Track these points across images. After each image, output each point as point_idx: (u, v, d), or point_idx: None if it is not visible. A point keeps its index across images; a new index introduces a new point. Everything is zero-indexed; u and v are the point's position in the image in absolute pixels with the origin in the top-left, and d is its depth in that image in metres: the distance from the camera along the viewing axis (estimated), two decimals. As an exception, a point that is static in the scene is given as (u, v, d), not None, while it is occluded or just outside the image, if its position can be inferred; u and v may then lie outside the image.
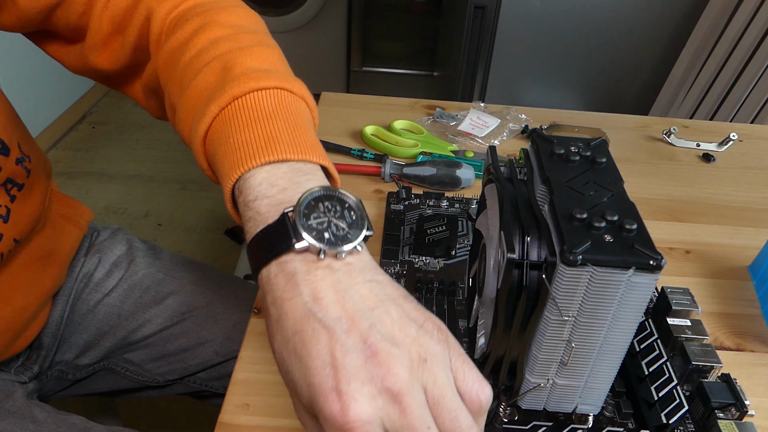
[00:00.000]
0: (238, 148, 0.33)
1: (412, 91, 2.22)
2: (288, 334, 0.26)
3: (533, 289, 0.31)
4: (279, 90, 0.36)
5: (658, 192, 0.66)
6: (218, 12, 0.42)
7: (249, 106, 0.35)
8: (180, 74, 0.39)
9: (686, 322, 0.40)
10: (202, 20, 0.41)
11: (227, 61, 0.37)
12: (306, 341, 0.26)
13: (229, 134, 0.34)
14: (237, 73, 0.36)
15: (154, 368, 0.63)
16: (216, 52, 0.38)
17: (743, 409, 0.36)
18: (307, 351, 0.25)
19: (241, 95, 0.35)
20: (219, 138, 0.34)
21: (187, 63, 0.39)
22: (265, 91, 0.35)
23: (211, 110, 0.35)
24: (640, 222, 0.31)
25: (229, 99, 0.35)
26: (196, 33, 0.40)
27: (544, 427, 0.37)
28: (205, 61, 0.38)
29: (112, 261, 0.64)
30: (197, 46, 0.40)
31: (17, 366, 0.58)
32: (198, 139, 0.35)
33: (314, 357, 0.25)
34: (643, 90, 1.64)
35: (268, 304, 0.28)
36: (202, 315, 0.62)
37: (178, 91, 0.39)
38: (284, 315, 0.27)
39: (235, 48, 0.39)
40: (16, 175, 0.50)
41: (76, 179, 1.83)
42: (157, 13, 0.43)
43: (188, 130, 0.37)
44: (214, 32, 0.40)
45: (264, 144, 0.32)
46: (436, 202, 0.58)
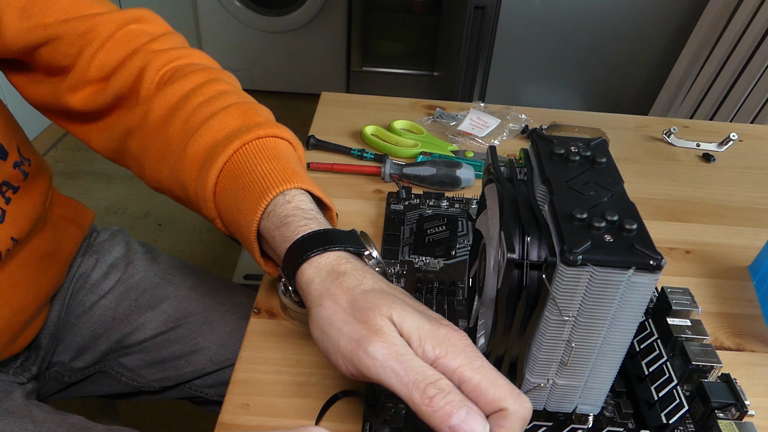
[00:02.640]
0: (272, 173, 0.39)
1: (412, 91, 2.22)
2: (380, 287, 0.33)
3: (533, 289, 0.31)
4: (287, 142, 0.44)
5: (658, 192, 0.66)
6: (219, 72, 0.49)
7: (270, 146, 0.42)
8: (185, 116, 0.44)
9: (686, 322, 0.40)
10: (207, 75, 0.47)
11: (246, 110, 0.44)
12: (402, 295, 0.33)
13: (256, 164, 0.40)
14: (258, 121, 0.43)
15: (149, 374, 0.63)
16: (229, 101, 0.45)
17: (743, 409, 0.36)
18: (406, 298, 0.33)
19: (264, 137, 0.42)
20: (242, 168, 0.40)
21: (196, 107, 0.44)
22: (279, 139, 0.43)
23: (234, 144, 0.41)
24: (640, 222, 0.31)
25: (253, 138, 0.41)
26: (204, 84, 0.46)
27: (544, 427, 0.37)
28: (218, 107, 0.44)
29: (110, 263, 0.63)
30: (206, 94, 0.45)
31: (16, 366, 0.58)
32: (215, 170, 0.41)
33: (414, 304, 0.33)
34: (643, 90, 1.64)
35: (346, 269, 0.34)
36: (197, 322, 0.62)
37: (181, 132, 0.44)
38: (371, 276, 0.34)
39: (247, 101, 0.46)
40: (12, 178, 0.50)
41: (76, 179, 1.83)
42: (154, 64, 0.47)
43: (197, 167, 0.42)
44: (221, 86, 0.46)
45: (293, 174, 0.40)
46: (436, 202, 0.58)
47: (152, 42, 0.48)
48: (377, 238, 0.54)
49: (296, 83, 2.32)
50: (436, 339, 0.30)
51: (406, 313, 0.31)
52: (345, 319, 0.31)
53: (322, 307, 0.32)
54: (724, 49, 1.43)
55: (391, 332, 0.30)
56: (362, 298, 0.32)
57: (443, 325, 0.31)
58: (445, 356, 0.29)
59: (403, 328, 0.30)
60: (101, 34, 0.46)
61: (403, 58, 2.22)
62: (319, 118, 0.75)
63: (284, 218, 0.37)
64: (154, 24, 0.50)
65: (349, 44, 2.19)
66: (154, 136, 0.45)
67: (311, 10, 2.10)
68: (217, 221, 0.43)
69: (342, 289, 0.32)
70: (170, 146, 0.44)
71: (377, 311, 0.31)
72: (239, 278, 1.36)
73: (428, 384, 0.27)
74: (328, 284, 0.33)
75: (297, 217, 0.37)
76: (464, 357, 0.29)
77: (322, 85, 2.23)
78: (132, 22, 0.48)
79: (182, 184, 0.43)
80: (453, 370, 0.29)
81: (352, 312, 0.31)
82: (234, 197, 0.40)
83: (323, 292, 0.33)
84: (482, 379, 0.29)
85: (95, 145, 0.52)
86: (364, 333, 0.30)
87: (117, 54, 0.47)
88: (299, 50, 2.23)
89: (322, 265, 0.34)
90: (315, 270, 0.34)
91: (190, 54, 0.50)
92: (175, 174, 0.44)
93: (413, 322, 0.30)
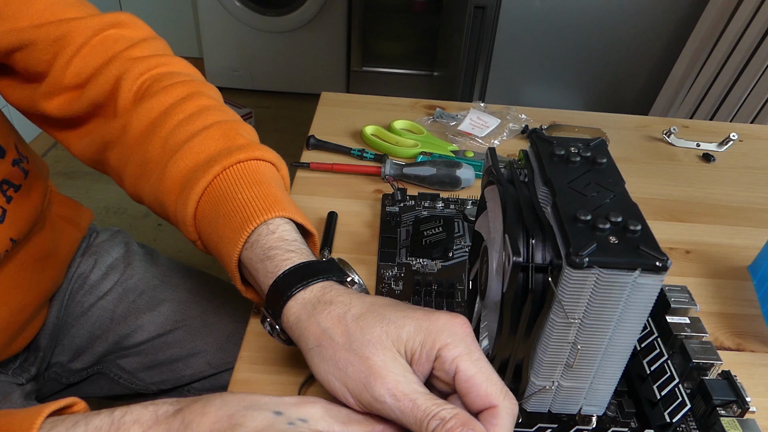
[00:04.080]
0: (254, 200, 0.38)
1: (412, 91, 2.22)
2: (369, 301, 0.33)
3: (539, 292, 0.31)
4: (269, 163, 0.43)
5: (658, 192, 0.66)
6: (200, 84, 0.47)
7: (252, 170, 0.41)
8: (165, 135, 0.43)
9: (685, 320, 0.40)
10: (188, 88, 0.45)
11: (228, 130, 0.43)
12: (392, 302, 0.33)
13: (237, 191, 0.39)
14: (240, 143, 0.42)
15: (147, 377, 0.62)
16: (210, 119, 0.43)
17: (745, 406, 0.36)
18: (398, 304, 0.33)
19: (245, 161, 0.41)
20: (223, 195, 0.39)
21: (175, 125, 0.43)
22: (261, 162, 0.42)
23: (215, 169, 0.40)
24: (643, 223, 0.31)
25: (233, 162, 0.40)
26: (184, 99, 0.44)
27: (549, 428, 0.37)
28: (199, 126, 0.42)
29: (109, 263, 0.63)
30: (186, 111, 0.44)
31: (15, 367, 0.58)
32: (195, 195, 0.40)
33: (406, 307, 0.33)
34: (643, 90, 1.64)
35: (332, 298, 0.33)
36: (195, 325, 0.61)
37: (161, 151, 0.43)
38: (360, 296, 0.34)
39: (229, 120, 0.44)
40: (12, 176, 0.50)
41: (76, 179, 1.83)
42: (131, 72, 0.45)
43: (177, 189, 0.41)
44: (202, 101, 0.45)
45: (275, 202, 0.39)
46: (431, 204, 0.58)
47: (130, 48, 0.47)
48: (374, 240, 0.54)
49: (296, 83, 2.32)
50: (434, 333, 0.31)
51: (401, 328, 0.31)
52: (346, 359, 0.31)
53: (321, 348, 0.32)
54: (724, 49, 1.43)
55: (393, 367, 0.30)
56: (356, 328, 0.31)
57: (442, 315, 0.32)
58: (446, 346, 0.30)
59: (403, 345, 0.31)
60: (76, 40, 0.45)
61: (403, 58, 2.22)
62: (319, 118, 0.75)
63: (268, 251, 0.36)
64: (134, 29, 0.49)
65: (349, 44, 2.19)
66: (133, 151, 0.44)
67: (311, 10, 2.10)
68: (197, 243, 0.42)
69: (333, 321, 0.32)
70: (149, 164, 0.43)
71: (376, 345, 0.31)
72: (239, 278, 1.35)
73: (431, 418, 0.28)
74: (319, 319, 0.32)
75: (281, 249, 0.36)
76: (464, 347, 0.31)
77: (322, 85, 2.23)
78: (110, 27, 0.47)
79: (162, 204, 0.43)
80: (452, 360, 0.30)
81: (351, 348, 0.31)
82: (215, 224, 0.39)
83: (316, 330, 0.32)
84: (478, 373, 0.30)
85: (75, 151, 0.51)
86: (367, 375, 0.30)
87: (93, 61, 0.46)
88: (299, 50, 2.23)
89: (308, 300, 0.34)
90: (301, 306, 0.34)
91: (169, 62, 0.48)
92: (154, 194, 0.43)
93: (410, 333, 0.31)
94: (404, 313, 0.32)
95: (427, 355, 0.31)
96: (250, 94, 2.33)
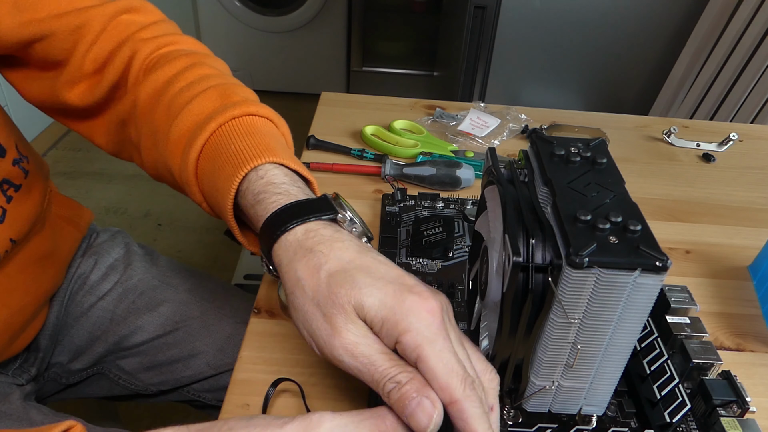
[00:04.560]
0: (246, 149, 0.38)
1: (412, 91, 2.22)
2: (346, 259, 0.32)
3: (539, 292, 0.31)
4: (267, 120, 0.43)
5: (658, 192, 0.66)
6: (204, 57, 0.48)
7: (247, 124, 0.41)
8: (168, 101, 0.43)
9: (685, 319, 0.40)
10: (191, 60, 0.46)
11: (224, 90, 0.43)
12: (370, 263, 0.32)
13: (230, 142, 0.39)
14: (235, 101, 0.42)
15: (146, 378, 0.62)
16: (209, 83, 0.44)
17: (745, 406, 0.36)
18: (375, 268, 0.32)
19: (240, 116, 0.41)
20: (219, 148, 0.40)
21: (177, 92, 0.44)
22: (257, 117, 0.42)
23: (211, 126, 0.40)
24: (644, 223, 0.31)
25: (229, 117, 0.41)
26: (187, 69, 0.45)
27: (549, 428, 0.37)
28: (198, 90, 0.43)
29: (109, 264, 0.63)
30: (188, 78, 0.45)
31: (15, 368, 0.58)
32: (194, 152, 0.40)
33: (383, 271, 0.32)
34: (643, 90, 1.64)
35: (312, 246, 0.33)
36: (195, 326, 0.61)
37: (165, 117, 0.43)
38: (340, 249, 0.33)
39: (227, 83, 0.45)
40: (12, 176, 0.50)
41: (76, 179, 1.83)
42: (141, 52, 0.47)
43: (180, 151, 0.42)
44: (203, 70, 0.46)
45: (267, 149, 0.39)
46: (431, 204, 0.58)
47: (141, 31, 0.48)
48: (374, 241, 0.54)
49: (296, 83, 2.32)
50: (399, 315, 0.29)
51: (368, 296, 0.30)
52: (313, 313, 0.31)
53: (294, 296, 0.32)
54: (724, 49, 1.43)
55: (353, 328, 0.30)
56: (326, 284, 0.31)
57: (412, 293, 0.30)
58: (407, 332, 0.29)
59: (365, 314, 0.30)
60: (94, 28, 0.46)
61: (403, 58, 2.22)
62: (319, 118, 0.75)
63: (257, 195, 0.37)
64: (146, 13, 0.50)
65: (349, 44, 2.19)
66: (143, 123, 0.45)
67: (311, 10, 2.10)
68: (203, 205, 0.43)
69: (308, 272, 0.32)
70: (157, 132, 0.44)
71: (338, 306, 0.30)
72: (239, 278, 1.35)
73: (387, 380, 0.29)
74: (297, 266, 0.32)
75: (268, 193, 0.36)
76: (427, 334, 0.29)
77: (322, 85, 2.23)
78: (123, 12, 0.48)
79: (169, 169, 0.43)
80: (413, 348, 0.29)
81: (318, 304, 0.31)
82: (212, 177, 0.40)
83: (293, 277, 0.33)
84: (438, 364, 0.28)
85: (98, 140, 0.52)
86: (329, 333, 0.30)
87: (109, 45, 0.47)
88: (299, 50, 2.23)
89: (290, 244, 0.34)
90: (284, 249, 0.34)
91: (178, 41, 0.49)
92: (162, 160, 0.44)
93: (373, 305, 0.30)
94: (375, 281, 0.31)
95: (387, 333, 0.30)
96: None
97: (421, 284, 0.32)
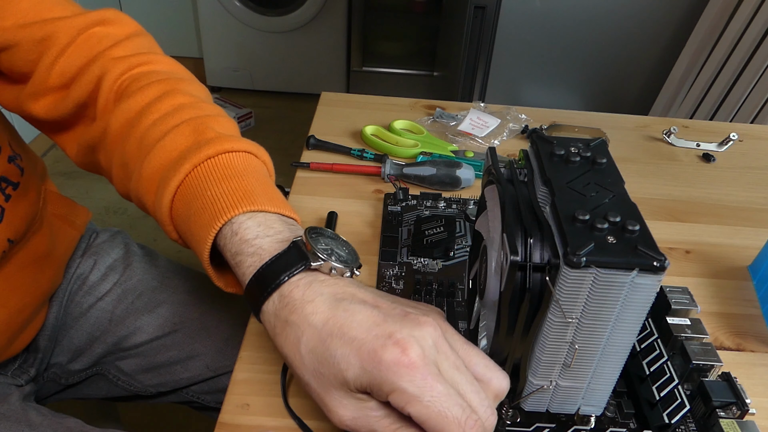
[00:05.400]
0: (221, 197, 0.37)
1: (412, 91, 2.22)
2: (319, 325, 0.31)
3: (536, 292, 0.31)
4: (246, 153, 0.40)
5: (658, 192, 0.66)
6: (178, 82, 0.45)
7: (223, 165, 0.39)
8: (140, 135, 0.41)
9: (686, 321, 0.40)
10: (164, 87, 0.44)
11: (198, 125, 0.41)
12: (344, 321, 0.30)
13: (206, 188, 0.37)
14: (209, 137, 0.40)
15: (145, 379, 0.62)
16: (183, 117, 0.42)
17: (744, 407, 0.36)
18: (348, 325, 0.30)
19: (215, 155, 0.39)
20: (194, 192, 0.38)
21: (150, 125, 0.41)
22: (235, 153, 0.40)
23: (185, 168, 0.38)
24: (642, 223, 0.31)
25: (203, 158, 0.38)
26: (160, 98, 0.43)
27: (546, 428, 0.37)
28: (171, 125, 0.41)
29: (108, 264, 0.63)
30: (161, 110, 0.42)
31: (14, 369, 0.58)
32: (168, 194, 0.38)
33: (357, 326, 0.30)
34: (643, 90, 1.64)
35: (287, 317, 0.32)
36: (194, 327, 0.61)
37: (137, 152, 0.41)
38: (312, 313, 0.31)
39: (201, 115, 0.42)
40: (9, 173, 0.50)
41: (76, 179, 1.83)
42: (111, 73, 0.45)
43: (153, 189, 0.40)
44: (177, 99, 0.43)
45: (243, 196, 0.37)
46: (433, 203, 0.58)
47: (113, 48, 0.46)
48: (376, 240, 0.54)
49: (296, 83, 2.32)
50: (380, 378, 0.29)
51: (347, 369, 0.29)
52: (308, 384, 0.32)
53: (289, 366, 0.33)
54: (724, 49, 1.43)
55: (348, 404, 0.31)
56: (309, 363, 0.31)
57: (388, 348, 0.29)
58: (393, 393, 0.28)
59: (352, 386, 0.30)
60: (61, 41, 0.44)
61: (403, 58, 2.22)
62: (319, 118, 0.75)
63: (234, 257, 0.35)
64: (120, 25, 0.48)
65: (349, 44, 2.19)
66: (114, 153, 0.44)
67: (311, 10, 2.10)
68: (179, 242, 0.42)
69: (291, 348, 0.32)
70: (128, 165, 0.43)
71: (326, 385, 0.31)
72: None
73: None
74: (281, 342, 0.32)
75: (243, 254, 0.35)
76: (413, 390, 0.28)
77: (322, 85, 2.23)
78: (95, 25, 0.46)
79: (143, 205, 0.42)
80: (403, 406, 0.29)
81: (309, 381, 0.31)
82: (188, 222, 0.38)
83: (281, 350, 0.33)
84: (431, 416, 0.28)
85: (69, 153, 0.50)
86: (328, 410, 0.31)
87: (77, 60, 0.45)
88: (299, 50, 2.23)
89: (270, 316, 0.33)
90: (266, 323, 0.34)
91: (150, 60, 0.47)
92: (135, 194, 0.42)
93: (355, 376, 0.29)
94: (350, 347, 0.29)
95: (377, 394, 0.30)
96: (250, 94, 2.33)
97: (402, 314, 0.31)
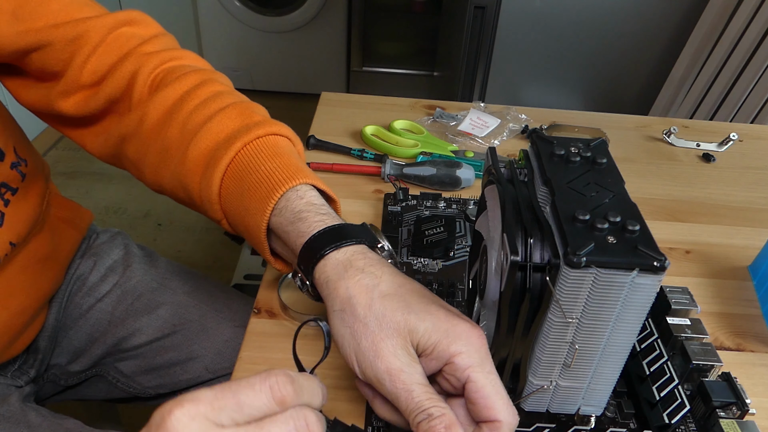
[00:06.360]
0: (276, 170, 0.40)
1: (412, 91, 2.21)
2: (397, 282, 0.34)
3: (536, 292, 0.31)
4: (286, 138, 0.44)
5: (658, 192, 0.66)
6: (212, 73, 0.48)
7: (272, 144, 0.42)
8: (183, 120, 0.44)
9: (686, 321, 0.40)
10: (200, 76, 0.47)
11: (243, 109, 0.44)
12: (419, 290, 0.34)
13: (260, 163, 0.40)
14: (257, 120, 0.43)
15: (144, 381, 0.62)
16: (225, 101, 0.44)
17: (744, 407, 0.36)
18: (424, 294, 0.34)
19: (264, 136, 0.42)
20: (247, 168, 0.41)
21: (192, 110, 0.44)
22: (279, 137, 0.43)
23: (236, 146, 0.41)
24: (642, 223, 0.31)
25: (253, 137, 0.42)
26: (198, 86, 0.45)
27: (547, 428, 0.37)
28: (214, 109, 0.44)
29: (108, 265, 0.63)
30: (201, 96, 0.45)
31: (14, 370, 0.58)
32: (219, 173, 0.41)
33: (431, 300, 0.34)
34: (643, 90, 1.64)
35: (363, 267, 0.34)
36: (193, 329, 0.61)
37: (180, 136, 0.44)
38: (391, 273, 0.34)
39: (242, 101, 0.46)
40: (10, 179, 0.50)
41: (76, 179, 1.83)
42: (146, 67, 0.47)
43: (200, 170, 0.43)
44: (215, 87, 0.46)
45: (297, 170, 0.40)
46: (433, 203, 0.58)
47: (143, 45, 0.48)
48: (378, 239, 0.54)
49: (296, 83, 2.32)
50: (451, 338, 0.31)
51: (421, 321, 0.32)
52: (362, 333, 0.32)
53: (344, 313, 0.33)
54: (724, 49, 1.43)
55: (401, 355, 0.31)
56: (379, 306, 0.32)
57: (462, 320, 0.32)
58: (460, 354, 0.31)
59: (419, 338, 0.32)
60: (92, 40, 0.46)
61: (403, 58, 2.22)
62: (319, 118, 0.75)
63: (298, 214, 0.38)
64: (145, 26, 0.50)
65: (349, 44, 2.19)
66: (151, 141, 0.45)
67: (311, 10, 2.10)
68: (223, 222, 0.44)
69: (360, 291, 0.33)
70: (169, 150, 0.44)
71: (391, 330, 0.32)
72: (239, 278, 1.35)
73: (420, 411, 0.30)
74: (348, 284, 0.34)
75: (311, 212, 0.38)
76: (478, 358, 0.31)
77: (322, 85, 2.22)
78: (123, 25, 0.48)
79: (185, 188, 0.44)
80: (465, 368, 0.31)
81: (368, 324, 0.32)
82: (240, 198, 0.40)
83: (343, 294, 0.33)
84: (488, 385, 0.30)
85: (90, 148, 0.52)
86: (375, 354, 0.31)
87: (109, 58, 0.47)
88: (299, 50, 2.23)
89: (339, 262, 0.35)
90: (333, 267, 0.35)
91: (181, 56, 0.49)
92: (177, 178, 0.44)
93: (427, 329, 0.32)
94: (428, 307, 0.33)
95: (438, 356, 0.31)
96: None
97: (462, 314, 0.34)
